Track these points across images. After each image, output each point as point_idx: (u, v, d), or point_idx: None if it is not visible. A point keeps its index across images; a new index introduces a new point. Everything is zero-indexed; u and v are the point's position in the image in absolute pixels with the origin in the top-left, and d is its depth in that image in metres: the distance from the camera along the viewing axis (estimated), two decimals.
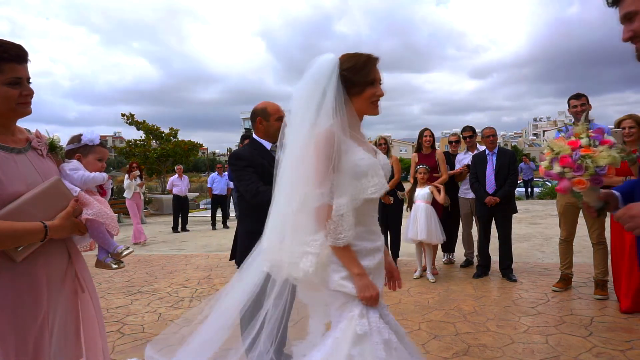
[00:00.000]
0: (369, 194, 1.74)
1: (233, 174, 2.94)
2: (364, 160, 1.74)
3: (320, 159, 1.67)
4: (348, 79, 1.73)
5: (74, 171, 1.84)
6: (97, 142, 1.99)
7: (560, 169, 1.44)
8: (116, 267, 1.93)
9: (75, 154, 1.94)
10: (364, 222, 1.78)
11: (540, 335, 3.61)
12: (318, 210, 1.68)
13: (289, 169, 1.80)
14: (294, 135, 1.80)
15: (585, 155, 1.40)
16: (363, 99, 1.77)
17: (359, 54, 1.79)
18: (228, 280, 6.00)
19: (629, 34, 1.46)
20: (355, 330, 1.64)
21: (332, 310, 1.77)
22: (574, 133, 1.49)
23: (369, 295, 1.68)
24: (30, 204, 1.59)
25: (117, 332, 4.00)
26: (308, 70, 1.78)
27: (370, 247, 1.80)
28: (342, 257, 1.70)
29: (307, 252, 1.69)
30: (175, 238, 10.75)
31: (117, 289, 5.62)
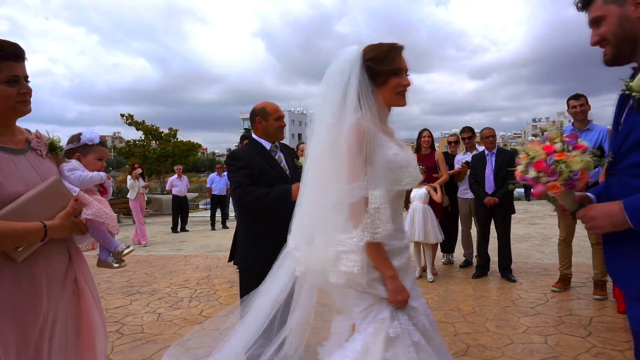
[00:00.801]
0: (403, 185, 1.69)
1: (228, 173, 2.95)
2: (399, 155, 1.70)
3: (351, 153, 1.61)
4: (372, 69, 1.69)
5: (71, 171, 1.83)
6: (96, 141, 1.98)
7: (535, 173, 1.45)
8: (117, 265, 1.93)
9: (74, 154, 1.93)
10: (394, 219, 1.73)
11: (539, 335, 3.61)
12: (352, 206, 1.62)
13: (316, 167, 1.76)
14: (319, 131, 1.75)
15: (559, 160, 1.41)
16: (388, 89, 1.72)
17: (382, 43, 1.74)
18: (227, 280, 6.02)
19: (596, 38, 1.51)
20: (388, 333, 1.60)
21: (357, 311, 1.72)
22: (549, 138, 1.49)
23: (400, 298, 1.64)
24: (29, 204, 1.58)
25: (116, 332, 4.00)
26: (331, 65, 1.74)
27: (400, 245, 1.75)
28: (375, 257, 1.64)
29: (343, 252, 1.63)
30: (175, 238, 10.74)
31: (116, 289, 5.61)
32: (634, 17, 1.41)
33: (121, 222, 14.85)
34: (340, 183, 1.63)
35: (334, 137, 1.67)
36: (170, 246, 9.45)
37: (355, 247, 1.61)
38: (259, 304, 1.95)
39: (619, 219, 1.38)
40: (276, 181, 2.87)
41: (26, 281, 1.59)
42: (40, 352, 1.61)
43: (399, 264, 1.70)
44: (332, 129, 1.68)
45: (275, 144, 3.01)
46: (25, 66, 1.64)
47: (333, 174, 1.67)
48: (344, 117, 1.66)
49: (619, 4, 1.44)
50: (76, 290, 1.79)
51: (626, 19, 1.42)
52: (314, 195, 1.77)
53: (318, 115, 1.79)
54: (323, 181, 1.71)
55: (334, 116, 1.68)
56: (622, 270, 1.47)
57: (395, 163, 1.68)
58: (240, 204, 2.78)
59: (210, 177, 12.53)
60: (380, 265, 1.65)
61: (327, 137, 1.69)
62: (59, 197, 1.70)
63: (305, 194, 1.82)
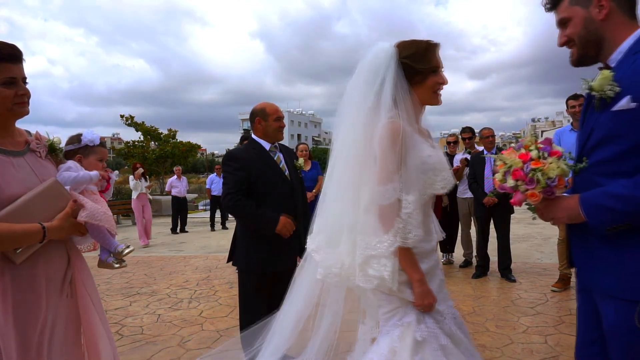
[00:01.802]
0: (436, 189, 1.65)
1: (224, 173, 2.95)
2: (432, 157, 1.65)
3: (385, 154, 1.56)
4: (409, 67, 1.63)
5: (65, 172, 1.82)
6: (97, 143, 1.97)
7: (513, 182, 1.44)
8: (118, 266, 1.92)
9: (75, 155, 1.92)
10: (424, 222, 1.70)
11: (539, 335, 3.61)
12: (384, 210, 1.57)
13: (345, 167, 1.71)
14: (348, 130, 1.71)
15: (535, 168, 1.41)
16: (425, 88, 1.67)
17: (417, 40, 1.69)
18: (227, 281, 6.01)
19: (563, 39, 1.54)
20: (415, 337, 1.57)
21: (381, 312, 1.70)
22: (524, 145, 1.49)
23: (427, 303, 1.61)
24: (28, 206, 1.58)
25: (115, 333, 3.99)
26: (361, 63, 1.69)
27: (428, 248, 1.72)
28: (403, 260, 1.60)
29: (372, 256, 1.59)
30: (174, 239, 10.73)
31: (115, 290, 5.60)
32: (598, 19, 1.43)
33: (120, 223, 14.85)
34: (373, 184, 1.59)
35: (367, 137, 1.62)
36: (169, 247, 9.44)
37: (385, 252, 1.57)
38: (287, 312, 1.92)
39: (575, 212, 1.41)
40: (274, 182, 2.87)
41: (26, 283, 1.58)
42: (41, 355, 1.60)
43: (426, 267, 1.67)
44: (365, 129, 1.63)
45: (275, 144, 3.01)
46: (23, 68, 1.63)
47: (365, 175, 1.62)
48: (377, 117, 1.61)
49: (584, 6, 1.46)
50: (74, 293, 1.78)
51: (591, 20, 1.45)
52: (340, 196, 1.72)
53: (347, 114, 1.74)
54: (353, 182, 1.67)
55: (367, 115, 1.63)
56: (592, 269, 1.49)
57: (429, 165, 1.63)
58: (228, 211, 2.80)
59: (210, 178, 12.52)
60: (408, 268, 1.61)
61: (359, 137, 1.64)
62: (57, 199, 1.69)
63: (329, 194, 1.78)
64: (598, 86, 1.38)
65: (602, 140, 1.41)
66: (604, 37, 1.45)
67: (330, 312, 1.83)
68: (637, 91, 1.30)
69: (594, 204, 1.38)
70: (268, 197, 2.84)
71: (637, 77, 1.31)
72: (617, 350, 1.44)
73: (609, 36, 1.44)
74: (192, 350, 3.55)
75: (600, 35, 1.45)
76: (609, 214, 1.34)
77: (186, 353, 3.50)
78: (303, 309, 1.88)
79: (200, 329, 4.07)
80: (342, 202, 1.71)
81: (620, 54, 1.42)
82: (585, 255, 1.53)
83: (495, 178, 1.54)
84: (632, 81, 1.32)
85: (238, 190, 2.77)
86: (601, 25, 1.44)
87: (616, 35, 1.43)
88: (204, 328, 4.08)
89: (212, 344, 3.66)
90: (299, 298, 1.90)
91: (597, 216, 1.37)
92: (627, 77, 1.34)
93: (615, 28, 1.43)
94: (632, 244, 1.36)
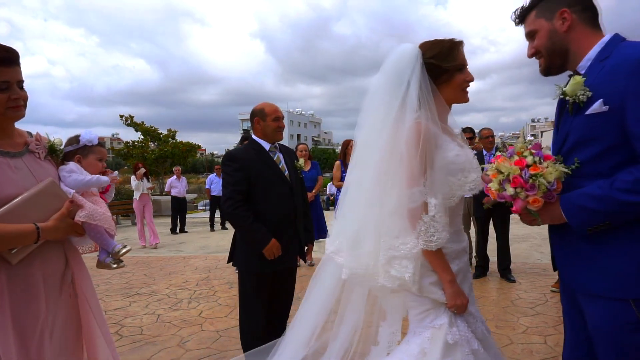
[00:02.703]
0: (466, 191, 1.63)
1: (223, 174, 2.94)
2: (460, 156, 1.63)
3: (412, 155, 1.55)
4: (436, 66, 1.63)
5: (69, 174, 1.82)
6: (95, 142, 1.97)
7: (513, 190, 1.45)
8: (116, 266, 1.90)
9: (74, 156, 1.92)
10: (453, 222, 1.68)
11: (539, 335, 3.61)
12: (411, 212, 1.57)
13: (367, 170, 1.70)
14: (373, 133, 1.70)
15: (535, 174, 1.42)
16: (453, 86, 1.67)
17: (441, 39, 1.69)
18: (227, 281, 6.02)
19: (531, 51, 1.63)
20: (446, 340, 1.55)
21: (412, 315, 1.68)
22: (516, 152, 1.49)
23: (459, 303, 1.59)
24: (24, 206, 1.58)
25: (115, 334, 3.99)
26: (385, 64, 1.68)
27: (458, 248, 1.71)
28: (432, 261, 1.59)
29: (395, 257, 1.58)
30: (174, 239, 10.73)
31: (115, 290, 5.60)
32: (562, 31, 1.52)
33: (120, 223, 14.84)
34: (400, 187, 1.58)
35: (391, 139, 1.61)
36: (169, 247, 9.44)
37: (408, 254, 1.57)
38: (305, 313, 1.91)
39: (556, 213, 1.47)
40: (274, 182, 2.87)
41: (21, 283, 1.58)
42: (41, 356, 1.60)
43: (457, 267, 1.66)
44: (389, 131, 1.62)
45: (275, 144, 3.01)
46: (19, 70, 1.60)
47: (390, 177, 1.61)
48: (402, 119, 1.60)
49: (548, 19, 1.55)
50: (73, 294, 1.78)
51: (555, 32, 1.54)
52: (364, 199, 1.70)
53: (370, 116, 1.73)
54: (377, 184, 1.66)
55: (391, 117, 1.62)
56: (575, 270, 1.52)
57: (458, 165, 1.62)
58: (226, 217, 2.81)
59: (209, 178, 12.53)
60: (439, 269, 1.60)
61: (384, 139, 1.63)
62: (53, 199, 1.69)
63: (350, 197, 1.76)
64: (571, 91, 1.45)
65: (578, 143, 1.46)
66: (568, 47, 1.54)
67: (351, 312, 1.81)
68: (608, 95, 1.37)
69: (574, 205, 1.43)
70: (267, 197, 2.84)
71: (607, 82, 1.38)
72: (606, 350, 1.45)
73: (574, 46, 1.53)
74: (192, 351, 3.55)
75: (565, 46, 1.54)
76: (589, 215, 1.40)
77: (186, 353, 3.50)
78: (320, 314, 1.86)
79: (200, 329, 4.07)
80: (365, 204, 1.70)
81: (589, 61, 1.49)
82: (568, 257, 1.56)
83: (490, 188, 1.53)
84: (602, 86, 1.39)
85: (238, 194, 2.78)
86: (565, 36, 1.53)
87: (580, 44, 1.52)
88: (203, 328, 4.08)
89: (211, 345, 3.66)
90: (316, 303, 1.88)
91: (578, 217, 1.42)
92: (597, 82, 1.41)
93: (578, 38, 1.52)
94: (616, 243, 1.40)
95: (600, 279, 1.43)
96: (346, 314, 1.84)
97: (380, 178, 1.65)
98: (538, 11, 1.57)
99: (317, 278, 1.92)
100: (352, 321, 1.83)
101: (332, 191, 17.32)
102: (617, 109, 1.35)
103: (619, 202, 1.33)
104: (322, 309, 1.88)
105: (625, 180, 1.33)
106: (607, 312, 1.42)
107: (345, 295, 1.84)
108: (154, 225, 9.70)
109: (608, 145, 1.39)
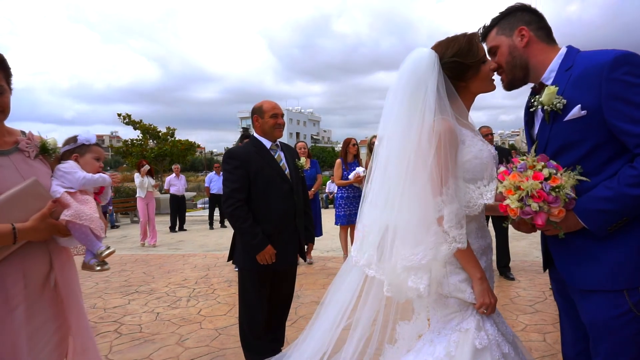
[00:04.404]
0: (487, 199, 1.60)
1: (223, 172, 2.95)
2: (484, 152, 1.63)
3: (442, 161, 1.53)
4: (459, 64, 1.63)
5: (70, 172, 1.79)
6: (93, 142, 1.96)
7: (537, 205, 1.43)
8: (99, 269, 1.82)
9: (72, 155, 1.91)
10: (477, 218, 1.66)
11: (538, 333, 3.62)
12: (440, 221, 1.54)
13: (390, 177, 1.67)
14: (396, 140, 1.67)
15: (557, 185, 1.43)
16: (480, 78, 1.68)
17: (455, 36, 1.69)
18: (226, 279, 6.02)
19: (494, 66, 1.72)
20: (474, 345, 1.52)
21: (437, 316, 1.65)
22: (528, 166, 1.50)
23: (488, 301, 1.57)
24: (4, 206, 1.54)
25: (114, 332, 3.99)
26: (402, 71, 1.67)
27: (484, 244, 1.69)
28: (462, 257, 1.57)
29: (408, 268, 1.55)
30: (173, 238, 10.73)
31: (114, 288, 5.60)
32: (521, 47, 1.65)
33: (118, 222, 14.83)
34: (428, 195, 1.55)
35: (418, 145, 1.57)
36: (168, 246, 9.43)
37: (417, 264, 1.55)
38: (325, 316, 1.89)
39: (572, 221, 1.49)
40: (274, 180, 2.87)
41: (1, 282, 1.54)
42: (19, 355, 1.56)
43: (485, 264, 1.65)
44: (416, 136, 1.59)
45: (276, 142, 3.01)
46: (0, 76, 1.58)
47: (419, 186, 1.57)
48: (426, 123, 1.57)
49: (508, 35, 1.67)
50: (56, 296, 1.73)
51: (515, 48, 1.66)
52: (390, 208, 1.67)
53: (391, 123, 1.70)
54: (407, 193, 1.60)
55: (417, 123, 1.59)
56: (571, 266, 1.56)
57: (480, 160, 1.61)
58: (226, 216, 2.82)
59: (209, 176, 12.51)
60: (469, 265, 1.58)
61: (413, 145, 1.59)
62: (35, 199, 1.64)
63: (375, 204, 1.73)
64: (547, 101, 1.53)
65: (561, 148, 1.54)
66: (528, 61, 1.65)
67: (367, 317, 1.80)
68: (583, 100, 1.46)
69: (590, 210, 1.46)
70: (268, 196, 2.84)
71: (579, 89, 1.48)
72: (604, 343, 1.48)
73: (533, 60, 1.65)
74: (191, 349, 3.55)
75: (525, 60, 1.65)
76: (607, 216, 1.43)
77: (185, 351, 3.50)
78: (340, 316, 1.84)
79: (199, 327, 4.07)
80: (390, 214, 1.66)
81: (552, 72, 1.60)
82: (564, 254, 1.59)
83: (509, 205, 1.48)
84: (575, 93, 1.48)
85: (238, 192, 2.78)
86: (524, 51, 1.65)
87: (539, 58, 1.64)
88: (202, 326, 4.08)
89: (210, 342, 3.66)
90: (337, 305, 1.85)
91: (597, 221, 1.45)
92: (569, 90, 1.51)
93: (537, 53, 1.64)
94: (608, 237, 1.46)
95: (593, 273, 1.48)
96: (362, 316, 1.81)
97: (406, 187, 1.60)
98: (498, 29, 1.69)
99: (337, 284, 1.90)
100: (367, 321, 1.80)
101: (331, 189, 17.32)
102: (596, 111, 1.44)
103: (633, 197, 1.38)
104: (342, 311, 1.84)
105: (632, 175, 1.39)
106: (602, 305, 1.46)
107: (362, 300, 1.81)
108: (154, 224, 9.65)
109: (592, 145, 1.47)
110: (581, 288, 1.53)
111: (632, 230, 1.43)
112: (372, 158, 1.79)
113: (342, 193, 6.27)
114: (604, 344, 1.47)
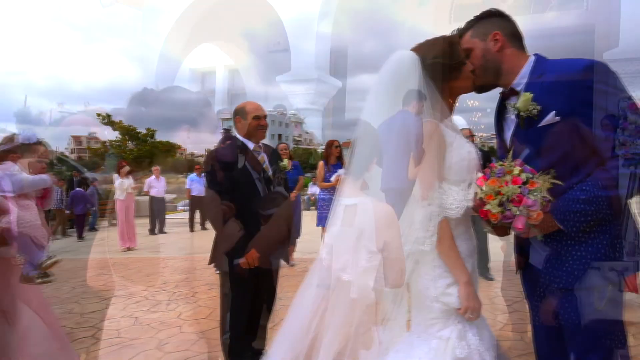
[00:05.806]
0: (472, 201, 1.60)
1: (206, 174, 2.92)
2: (472, 153, 1.64)
3: (427, 162, 1.53)
4: (442, 65, 1.62)
5: (9, 175, 1.66)
6: (34, 141, 1.81)
7: (517, 209, 1.46)
8: (40, 281, 1.68)
9: (9, 155, 1.76)
10: (464, 220, 1.66)
11: (515, 332, 3.68)
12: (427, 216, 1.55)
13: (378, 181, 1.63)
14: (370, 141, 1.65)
15: (535, 189, 1.46)
16: (464, 77, 1.68)
17: (435, 38, 1.69)
18: (206, 282, 5.94)
19: (473, 67, 1.73)
20: (455, 354, 1.51)
21: (419, 318, 1.62)
22: (506, 171, 1.51)
23: (473, 305, 1.55)
24: None
25: (91, 337, 3.89)
26: (384, 73, 1.67)
27: (471, 247, 1.69)
28: (449, 260, 1.56)
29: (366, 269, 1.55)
30: (152, 240, 10.55)
31: (91, 293, 5.47)
32: (494, 51, 1.68)
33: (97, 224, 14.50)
34: (414, 200, 1.55)
35: (402, 148, 1.57)
36: (147, 248, 9.25)
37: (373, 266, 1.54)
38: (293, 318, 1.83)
39: (548, 222, 1.53)
40: (256, 182, 2.85)
41: None
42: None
43: (471, 268, 1.65)
44: (398, 139, 1.59)
45: (259, 144, 2.99)
46: None
47: (406, 190, 1.57)
48: (406, 124, 1.57)
49: (482, 39, 1.70)
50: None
51: (488, 51, 1.69)
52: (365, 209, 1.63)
53: (371, 123, 1.68)
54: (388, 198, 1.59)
55: (396, 127, 1.59)
56: (549, 267, 1.61)
57: (470, 162, 1.62)
58: (208, 218, 2.80)
59: (190, 178, 12.35)
60: (455, 269, 1.56)
61: (397, 148, 1.59)
62: None
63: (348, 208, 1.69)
64: (523, 107, 1.57)
65: (536, 153, 1.58)
66: (500, 65, 1.69)
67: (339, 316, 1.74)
68: (556, 106, 1.51)
69: (566, 212, 1.51)
70: (249, 197, 2.82)
71: (552, 95, 1.53)
72: (578, 339, 1.54)
73: (505, 64, 1.69)
74: (171, 353, 3.49)
75: (497, 64, 1.69)
76: (581, 217, 1.49)
77: (164, 356, 3.44)
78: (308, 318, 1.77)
79: (179, 331, 4.00)
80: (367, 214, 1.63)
81: (524, 78, 1.64)
82: (544, 255, 1.64)
83: (490, 211, 1.50)
84: (548, 99, 1.53)
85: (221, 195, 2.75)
86: (497, 55, 1.68)
87: (511, 63, 1.68)
88: (182, 330, 4.02)
89: (190, 347, 3.61)
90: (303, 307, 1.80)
91: (571, 222, 1.50)
92: (542, 96, 1.55)
93: (509, 58, 1.68)
94: (578, 238, 1.52)
95: (569, 272, 1.54)
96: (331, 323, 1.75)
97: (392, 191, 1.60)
98: (473, 32, 1.73)
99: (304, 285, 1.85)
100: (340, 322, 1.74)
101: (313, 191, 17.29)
102: (569, 117, 1.50)
103: (606, 198, 1.45)
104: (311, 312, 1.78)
105: (605, 178, 1.45)
106: (578, 302, 1.53)
107: (332, 302, 1.75)
108: (134, 227, 9.43)
109: (565, 149, 1.53)
110: (558, 286, 1.58)
111: (603, 230, 1.50)
112: (348, 159, 1.77)
113: (325, 195, 6.27)
114: (579, 338, 1.54)
